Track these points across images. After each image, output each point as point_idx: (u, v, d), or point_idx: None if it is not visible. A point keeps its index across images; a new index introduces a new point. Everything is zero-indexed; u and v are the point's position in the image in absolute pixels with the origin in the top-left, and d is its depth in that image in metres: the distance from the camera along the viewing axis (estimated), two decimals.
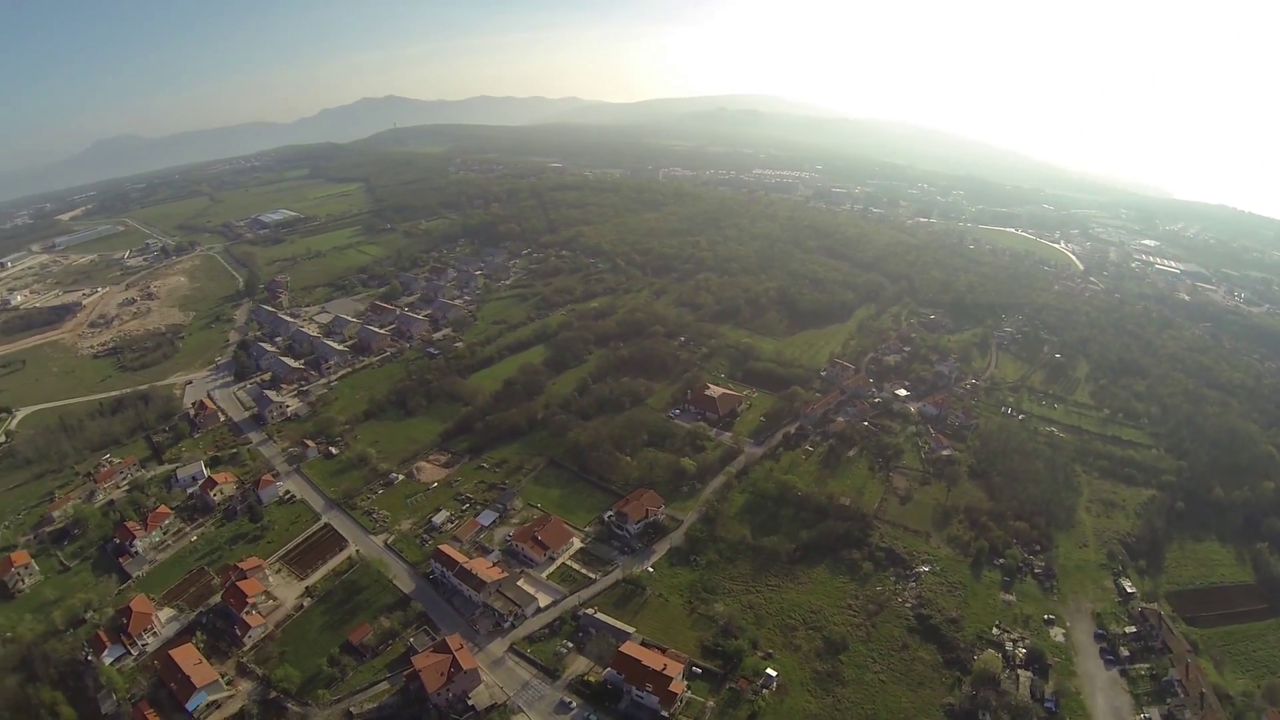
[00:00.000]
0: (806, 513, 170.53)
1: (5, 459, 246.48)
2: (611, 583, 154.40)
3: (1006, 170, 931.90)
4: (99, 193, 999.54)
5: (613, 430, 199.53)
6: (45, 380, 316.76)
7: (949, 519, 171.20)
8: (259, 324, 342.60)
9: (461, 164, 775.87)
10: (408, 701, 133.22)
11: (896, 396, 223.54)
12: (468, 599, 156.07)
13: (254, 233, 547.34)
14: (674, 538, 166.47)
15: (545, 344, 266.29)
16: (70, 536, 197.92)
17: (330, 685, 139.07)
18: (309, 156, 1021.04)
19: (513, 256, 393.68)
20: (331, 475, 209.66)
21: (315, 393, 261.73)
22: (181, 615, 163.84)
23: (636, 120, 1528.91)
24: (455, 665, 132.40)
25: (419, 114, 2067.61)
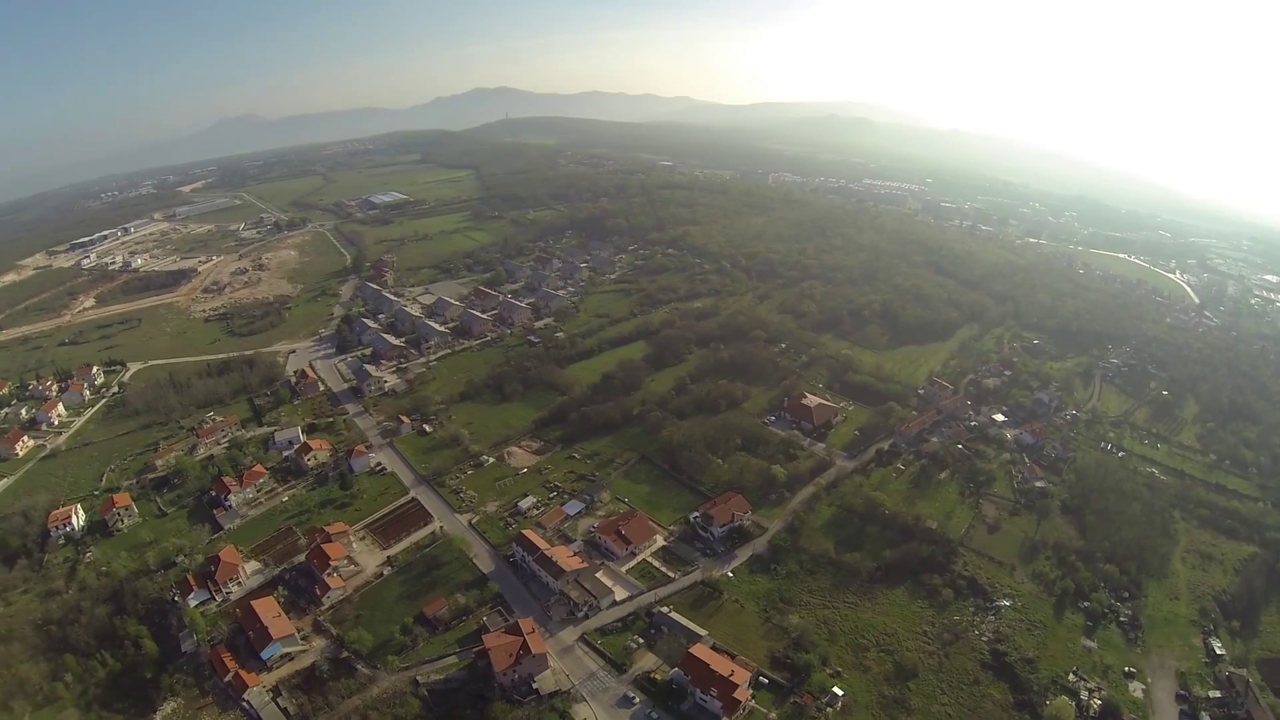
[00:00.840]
0: (892, 532, 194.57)
1: (116, 408, 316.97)
2: (690, 583, 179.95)
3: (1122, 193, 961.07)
4: (219, 168, 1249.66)
5: (707, 431, 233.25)
6: (158, 339, 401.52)
7: (1036, 554, 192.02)
8: (363, 300, 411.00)
9: (572, 157, 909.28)
10: (474, 678, 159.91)
11: (993, 421, 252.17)
12: (545, 585, 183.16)
13: (364, 213, 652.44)
14: (757, 545, 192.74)
15: (646, 340, 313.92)
16: (170, 485, 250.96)
17: (400, 653, 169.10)
18: (421, 142, 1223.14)
19: (619, 251, 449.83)
20: (423, 452, 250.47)
21: (414, 371, 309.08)
22: (266, 569, 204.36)
23: (747, 123, 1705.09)
24: (525, 648, 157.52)
25: (531, 106, 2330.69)
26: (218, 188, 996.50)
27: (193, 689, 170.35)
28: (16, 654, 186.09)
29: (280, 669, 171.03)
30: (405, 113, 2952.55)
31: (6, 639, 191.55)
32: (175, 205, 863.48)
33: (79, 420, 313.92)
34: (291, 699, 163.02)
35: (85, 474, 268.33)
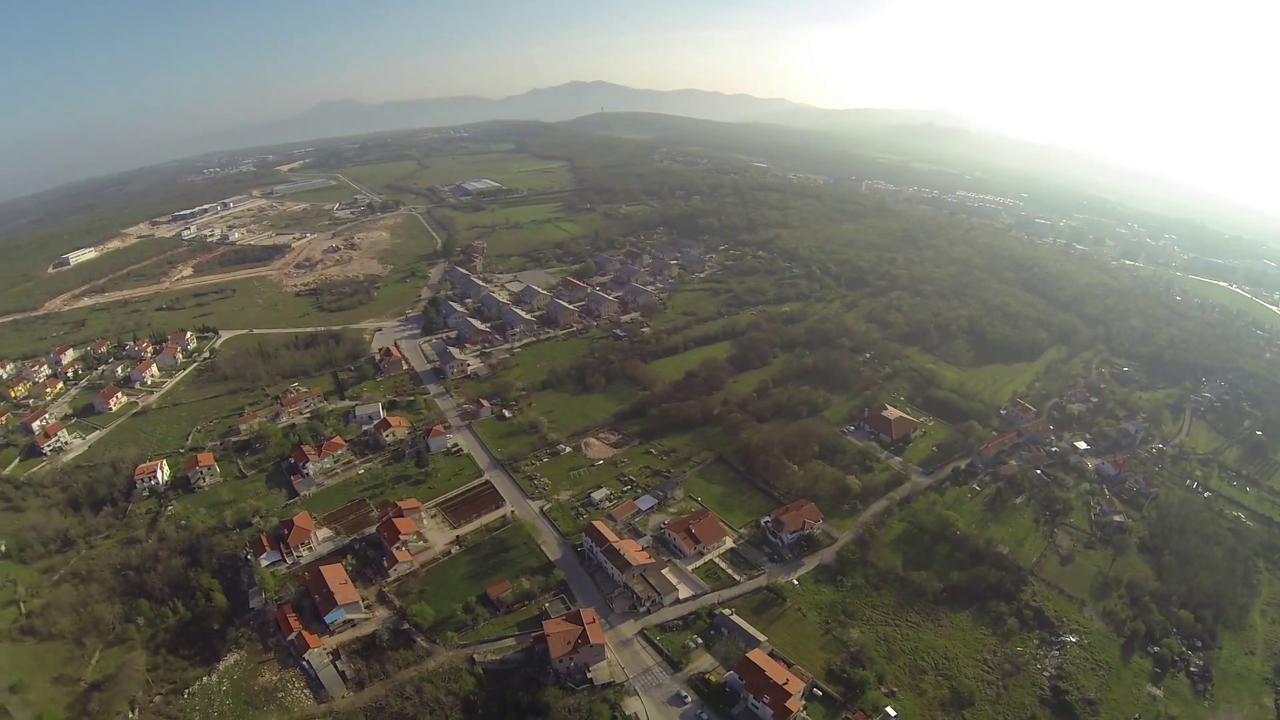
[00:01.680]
0: (962, 554, 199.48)
1: (206, 372, 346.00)
2: (754, 588, 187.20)
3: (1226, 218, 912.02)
4: (317, 149, 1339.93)
5: (785, 437, 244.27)
6: (250, 309, 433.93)
7: (1108, 591, 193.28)
8: (452, 284, 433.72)
9: (666, 154, 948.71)
10: (530, 661, 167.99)
11: (1075, 449, 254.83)
12: (610, 577, 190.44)
13: (456, 198, 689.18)
14: (825, 554, 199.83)
15: (732, 341, 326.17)
16: (251, 449, 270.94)
17: (460, 630, 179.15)
18: (516, 132, 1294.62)
19: (709, 250, 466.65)
20: (501, 437, 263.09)
21: (497, 356, 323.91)
22: (337, 538, 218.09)
23: (842, 128, 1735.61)
24: (583, 637, 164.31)
25: (626, 101, 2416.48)
26: (315, 168, 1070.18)
27: (256, 644, 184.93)
28: (94, 594, 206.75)
29: (342, 634, 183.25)
30: (501, 102, 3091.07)
31: (87, 579, 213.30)
32: (273, 183, 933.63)
33: (170, 381, 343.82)
34: (350, 663, 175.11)
35: (172, 432, 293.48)
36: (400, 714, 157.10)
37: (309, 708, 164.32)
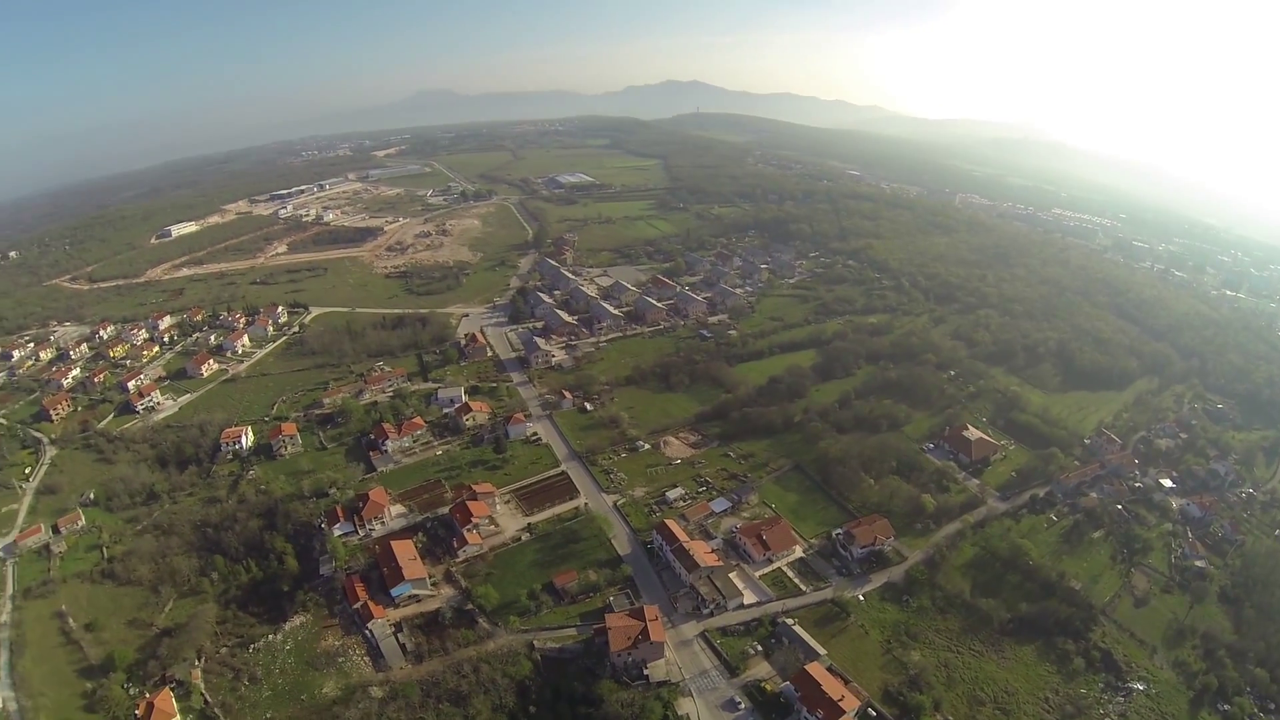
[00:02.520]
0: (1032, 585, 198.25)
1: (295, 346, 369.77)
2: (819, 600, 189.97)
3: None
4: (413, 136, 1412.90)
5: (863, 450, 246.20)
6: (341, 288, 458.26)
7: (1182, 639, 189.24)
8: (541, 275, 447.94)
9: (760, 157, 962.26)
10: (588, 652, 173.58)
11: (1160, 486, 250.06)
12: (677, 576, 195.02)
13: (549, 191, 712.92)
14: (894, 573, 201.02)
15: (817, 350, 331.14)
16: (333, 423, 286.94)
17: (523, 615, 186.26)
18: (611, 128, 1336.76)
19: (800, 257, 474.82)
20: (580, 429, 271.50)
21: (582, 349, 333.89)
22: (410, 515, 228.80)
23: (937, 138, 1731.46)
24: (644, 634, 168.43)
25: (721, 102, 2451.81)
26: (410, 155, 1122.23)
27: (322, 609, 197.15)
28: (174, 546, 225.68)
29: (406, 608, 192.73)
30: (597, 98, 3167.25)
31: (167, 532, 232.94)
32: (369, 168, 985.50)
33: (260, 352, 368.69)
34: (411, 637, 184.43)
35: (259, 401, 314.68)
36: (455, 690, 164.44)
37: (367, 675, 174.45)
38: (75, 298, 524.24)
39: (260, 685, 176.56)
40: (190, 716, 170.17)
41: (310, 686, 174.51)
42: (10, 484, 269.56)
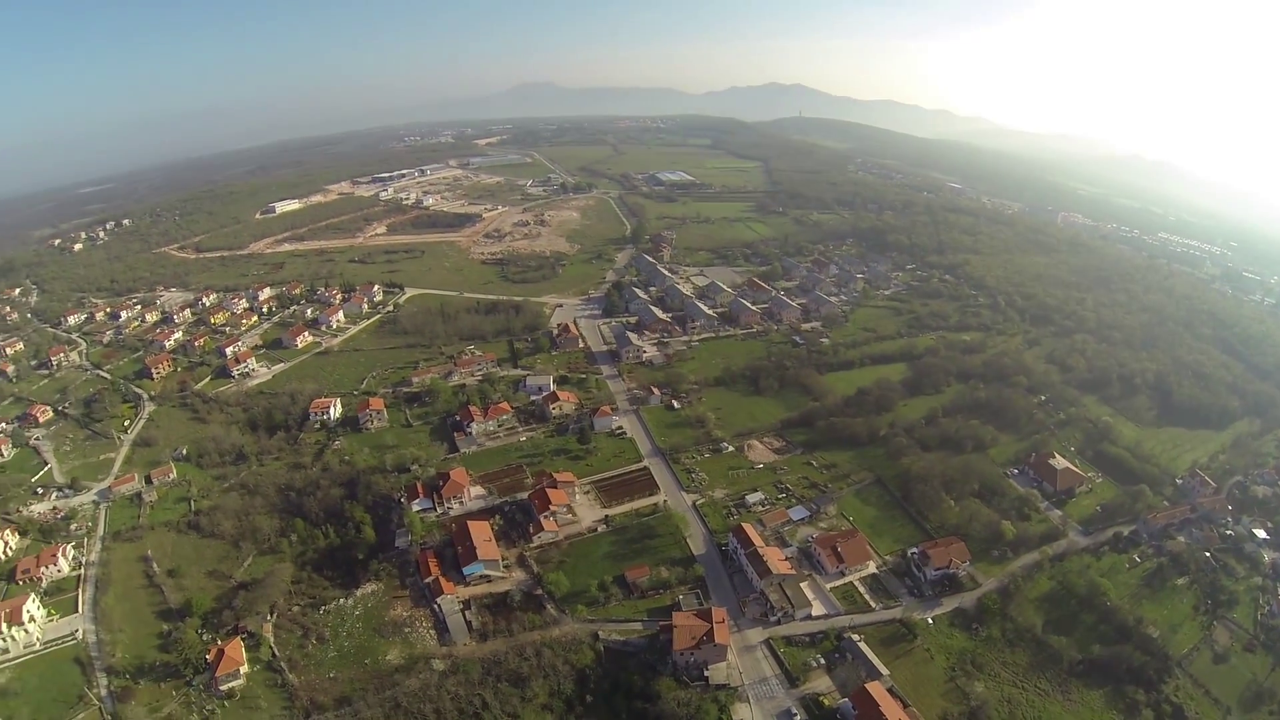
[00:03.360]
0: (1107, 627, 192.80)
1: (388, 324, 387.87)
2: (888, 619, 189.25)
3: None
4: (514, 127, 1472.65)
5: (946, 469, 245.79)
6: (437, 271, 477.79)
7: (1260, 703, 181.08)
8: (637, 270, 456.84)
9: (860, 164, 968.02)
10: (652, 648, 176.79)
11: (1253, 536, 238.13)
12: (748, 581, 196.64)
13: (649, 187, 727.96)
14: (966, 598, 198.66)
15: (908, 364, 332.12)
16: (420, 402, 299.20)
17: (591, 605, 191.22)
18: (713, 128, 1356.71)
19: (896, 268, 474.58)
20: (666, 426, 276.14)
21: (674, 347, 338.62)
22: (489, 497, 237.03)
23: (1042, 154, 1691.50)
24: (709, 635, 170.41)
25: (824, 107, 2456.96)
26: (511, 145, 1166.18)
27: (394, 580, 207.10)
28: (258, 506, 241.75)
29: (476, 587, 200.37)
30: (700, 97, 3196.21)
31: (252, 492, 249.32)
32: (470, 156, 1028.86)
33: (354, 328, 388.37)
34: (478, 615, 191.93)
35: (349, 374, 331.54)
36: (515, 671, 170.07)
37: (430, 648, 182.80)
38: (182, 265, 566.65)
39: (327, 645, 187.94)
40: (258, 666, 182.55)
41: (375, 652, 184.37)
42: (110, 434, 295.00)
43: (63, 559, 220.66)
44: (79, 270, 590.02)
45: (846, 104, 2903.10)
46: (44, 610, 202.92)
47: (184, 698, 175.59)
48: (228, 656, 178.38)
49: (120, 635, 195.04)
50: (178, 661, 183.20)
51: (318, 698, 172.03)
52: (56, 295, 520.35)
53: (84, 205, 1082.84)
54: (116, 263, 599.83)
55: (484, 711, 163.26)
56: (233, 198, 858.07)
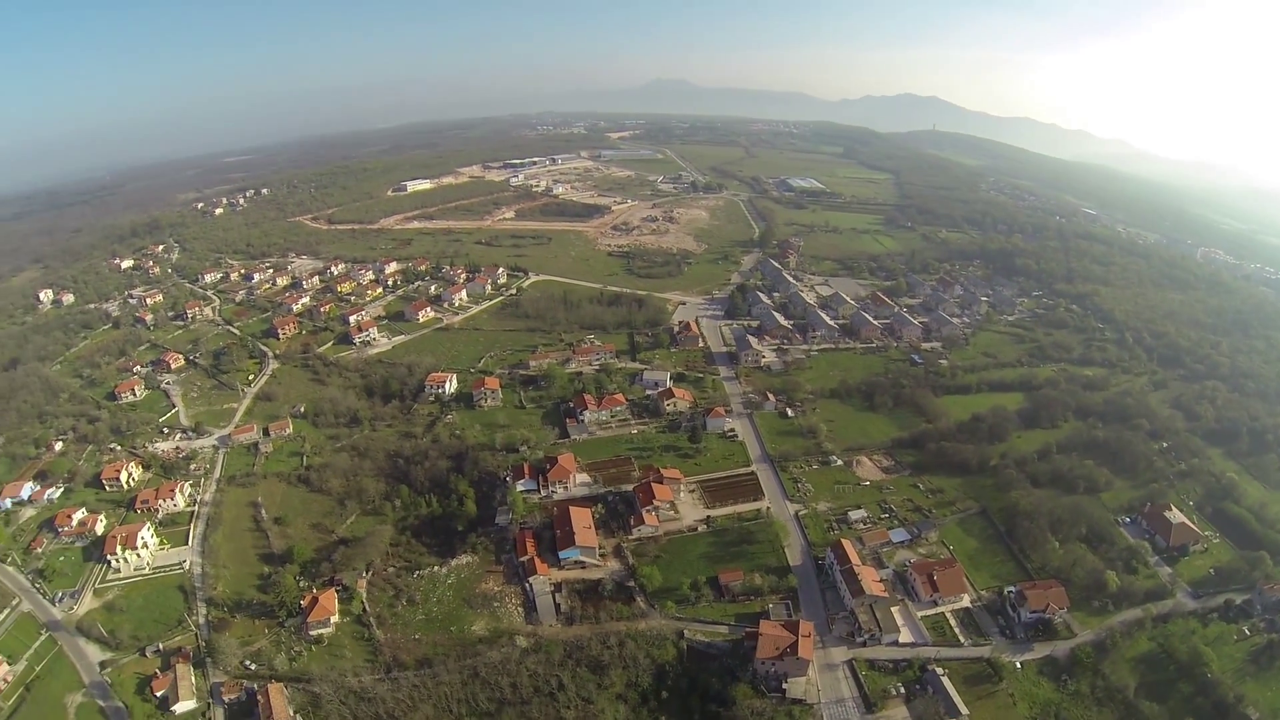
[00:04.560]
0: (1205, 701, 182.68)
1: (510, 307, 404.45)
2: (975, 656, 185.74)
3: None
4: (647, 122, 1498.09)
5: (1055, 509, 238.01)
6: (562, 259, 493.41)
7: None
8: (762, 275, 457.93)
9: (993, 183, 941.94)
10: (734, 653, 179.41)
11: None
12: (840, 598, 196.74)
13: (779, 192, 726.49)
14: (1058, 647, 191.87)
15: (1026, 394, 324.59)
16: (536, 385, 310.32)
17: (681, 603, 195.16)
18: (845, 136, 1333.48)
19: (1022, 294, 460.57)
20: (777, 433, 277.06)
21: (793, 354, 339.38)
22: (593, 485, 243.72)
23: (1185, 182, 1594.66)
24: (793, 648, 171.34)
25: (958, 121, 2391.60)
26: (643, 140, 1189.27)
27: (489, 555, 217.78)
28: (366, 468, 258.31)
29: (569, 571, 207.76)
30: (834, 104, 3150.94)
31: (363, 454, 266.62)
32: (601, 148, 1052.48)
33: (475, 308, 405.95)
34: (568, 599, 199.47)
35: (467, 352, 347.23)
36: (596, 658, 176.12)
37: (516, 624, 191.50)
38: (314, 235, 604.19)
39: (416, 608, 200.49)
40: (347, 619, 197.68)
41: (461, 621, 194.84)
42: (234, 386, 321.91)
43: (179, 495, 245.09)
44: (218, 233, 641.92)
45: (982, 119, 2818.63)
46: (157, 539, 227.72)
47: (275, 636, 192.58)
48: (321, 605, 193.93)
49: (224, 571, 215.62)
50: (273, 603, 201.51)
51: (400, 656, 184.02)
52: (196, 254, 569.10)
53: (227, 173, 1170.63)
54: (253, 228, 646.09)
55: (559, 692, 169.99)
56: (366, 174, 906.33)
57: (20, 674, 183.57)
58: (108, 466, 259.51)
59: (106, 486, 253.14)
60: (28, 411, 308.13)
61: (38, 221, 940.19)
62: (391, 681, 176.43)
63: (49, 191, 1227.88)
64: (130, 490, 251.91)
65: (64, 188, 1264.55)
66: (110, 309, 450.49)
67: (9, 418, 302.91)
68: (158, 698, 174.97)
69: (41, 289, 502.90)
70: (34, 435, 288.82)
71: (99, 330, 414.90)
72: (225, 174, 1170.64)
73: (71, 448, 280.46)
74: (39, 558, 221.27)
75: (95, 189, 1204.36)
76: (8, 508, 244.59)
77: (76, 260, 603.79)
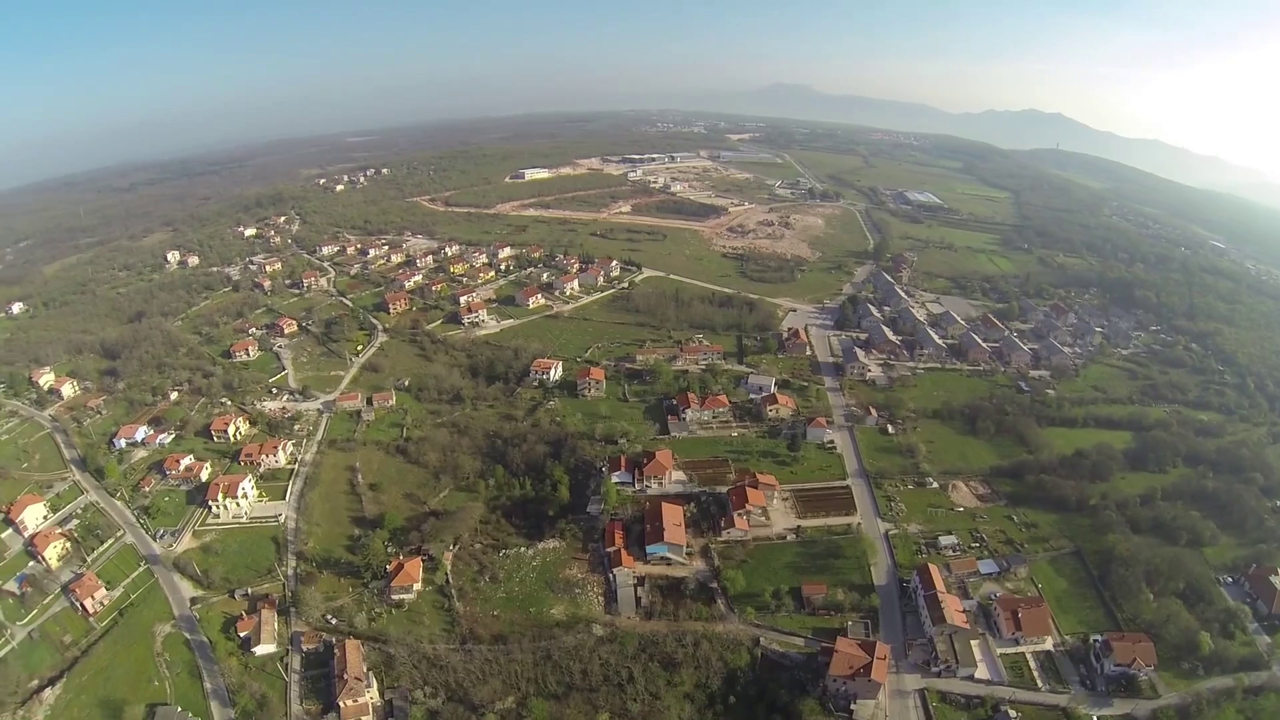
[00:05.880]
0: None
1: (620, 300, 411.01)
2: (1050, 703, 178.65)
3: None
4: (767, 126, 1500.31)
5: (1153, 558, 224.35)
6: (675, 256, 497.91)
7: None
8: (874, 288, 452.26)
9: (1116, 208, 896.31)
10: (807, 666, 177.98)
11: None
12: (920, 624, 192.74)
13: (896, 205, 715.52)
14: (1139, 707, 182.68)
15: (1134, 433, 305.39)
16: (640, 379, 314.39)
17: (760, 610, 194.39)
18: (965, 151, 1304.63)
19: (1139, 327, 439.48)
20: (876, 449, 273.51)
21: (899, 371, 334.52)
22: (688, 484, 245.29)
23: None
24: (866, 669, 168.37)
25: (1083, 141, 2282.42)
26: (762, 143, 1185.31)
27: (577, 542, 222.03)
28: (464, 446, 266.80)
29: (654, 566, 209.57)
30: (955, 117, 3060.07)
31: (462, 432, 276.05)
32: (720, 149, 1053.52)
33: (586, 298, 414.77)
34: (649, 594, 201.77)
35: (574, 341, 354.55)
36: (669, 655, 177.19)
37: (595, 613, 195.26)
38: (430, 216, 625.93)
39: (498, 586, 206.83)
40: (430, 588, 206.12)
41: (541, 603, 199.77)
42: (343, 354, 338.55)
43: (281, 452, 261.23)
44: (338, 208, 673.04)
45: (1108, 140, 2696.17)
46: (256, 491, 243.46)
47: (357, 596, 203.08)
48: (406, 571, 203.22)
49: (316, 528, 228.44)
50: (360, 564, 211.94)
51: (477, 629, 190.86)
52: (315, 227, 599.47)
53: (349, 152, 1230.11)
54: (371, 206, 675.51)
55: (628, 684, 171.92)
56: (485, 160, 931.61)
57: (116, 599, 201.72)
58: (217, 419, 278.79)
59: (214, 437, 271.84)
60: (148, 361, 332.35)
61: (170, 188, 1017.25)
62: (465, 653, 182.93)
63: (182, 161, 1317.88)
64: (236, 443, 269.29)
65: (196, 158, 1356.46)
66: (232, 273, 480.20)
67: (131, 365, 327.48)
68: (241, 638, 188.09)
69: (169, 250, 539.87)
70: (152, 384, 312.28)
71: (220, 292, 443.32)
72: (347, 153, 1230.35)
73: (185, 398, 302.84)
74: (146, 496, 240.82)
75: (225, 161, 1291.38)
76: (122, 447, 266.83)
77: (203, 225, 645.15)
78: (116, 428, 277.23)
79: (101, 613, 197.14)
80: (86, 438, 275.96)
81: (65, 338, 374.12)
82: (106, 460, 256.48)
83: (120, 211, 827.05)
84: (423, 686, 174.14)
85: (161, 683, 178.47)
